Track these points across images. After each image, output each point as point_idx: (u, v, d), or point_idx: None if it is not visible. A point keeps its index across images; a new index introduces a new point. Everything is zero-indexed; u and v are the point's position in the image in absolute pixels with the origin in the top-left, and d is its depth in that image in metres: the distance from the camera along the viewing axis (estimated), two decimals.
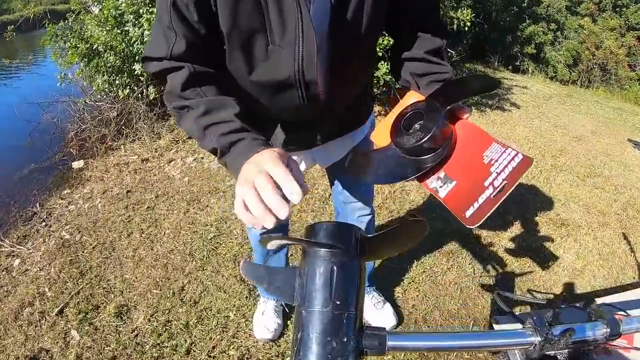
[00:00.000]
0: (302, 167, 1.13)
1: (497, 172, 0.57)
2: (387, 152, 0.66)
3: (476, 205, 0.56)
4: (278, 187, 0.53)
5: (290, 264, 1.77)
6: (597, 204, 2.90)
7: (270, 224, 0.53)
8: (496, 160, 0.58)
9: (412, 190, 2.76)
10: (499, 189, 0.55)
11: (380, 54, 3.08)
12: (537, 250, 2.31)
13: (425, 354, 1.60)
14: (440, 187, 0.61)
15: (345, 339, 0.43)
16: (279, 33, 0.75)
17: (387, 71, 3.32)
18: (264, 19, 0.73)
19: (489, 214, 0.55)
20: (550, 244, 2.38)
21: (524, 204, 2.76)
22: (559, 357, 0.57)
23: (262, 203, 0.53)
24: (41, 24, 4.10)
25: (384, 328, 0.48)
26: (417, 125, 0.63)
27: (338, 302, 0.44)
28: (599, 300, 1.45)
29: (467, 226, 0.56)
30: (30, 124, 3.84)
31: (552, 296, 1.99)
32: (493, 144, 0.60)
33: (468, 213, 0.57)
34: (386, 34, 1.09)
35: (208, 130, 0.71)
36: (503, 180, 0.55)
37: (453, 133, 0.63)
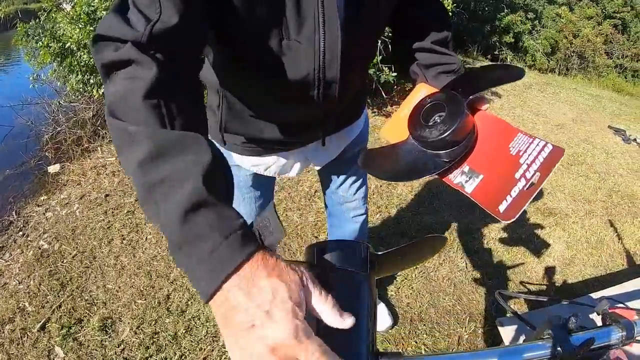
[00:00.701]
0: (297, 169, 1.07)
1: (527, 164, 0.53)
2: (405, 147, 0.61)
3: (509, 199, 0.52)
4: None
5: None
6: (583, 191, 2.94)
7: None
8: (524, 152, 0.54)
9: (399, 184, 2.73)
10: (531, 181, 0.52)
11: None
12: (527, 241, 2.31)
13: None
14: (466, 181, 0.57)
15: None
16: (296, 26, 0.64)
17: (371, 64, 3.28)
18: (279, 9, 0.62)
19: (524, 208, 0.51)
20: (539, 234, 2.39)
21: None
22: None
23: None
24: (12, 24, 3.96)
25: (401, 354, 0.44)
26: (437, 118, 0.58)
27: (352, 333, 0.40)
28: (597, 295, 1.44)
29: (503, 221, 0.52)
30: (4, 128, 3.69)
31: (545, 287, 2.00)
32: (519, 135, 0.56)
33: (502, 207, 0.53)
34: None
35: (156, 192, 0.43)
36: (535, 171, 0.52)
37: (474, 125, 0.59)
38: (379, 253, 0.48)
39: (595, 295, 1.51)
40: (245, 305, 0.37)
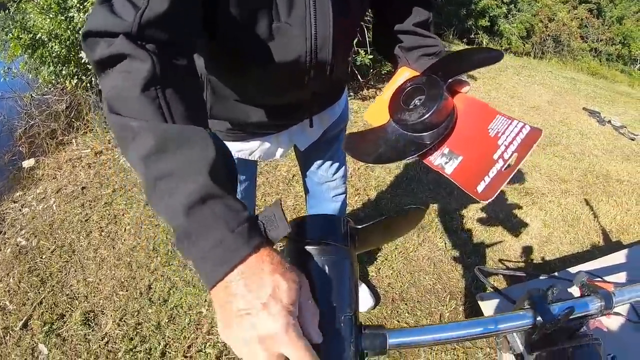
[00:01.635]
0: (281, 151, 1.06)
1: (505, 145, 0.55)
2: (386, 130, 0.63)
3: (487, 179, 0.54)
4: None
5: None
6: (559, 171, 3.01)
7: None
8: (503, 133, 0.56)
9: (377, 167, 2.76)
10: (509, 161, 0.54)
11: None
12: (504, 220, 2.37)
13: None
14: (446, 163, 0.58)
15: (342, 342, 0.41)
16: (285, 8, 0.64)
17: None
18: None
19: (501, 188, 0.53)
20: (516, 213, 2.44)
21: None
22: (558, 335, 0.56)
23: None
24: None
25: (383, 326, 0.45)
26: (417, 101, 0.60)
27: (334, 304, 0.42)
28: (574, 269, 1.50)
29: (481, 201, 0.54)
30: None
31: (523, 264, 2.05)
32: (497, 117, 0.57)
33: (480, 188, 0.54)
34: None
35: (161, 184, 0.43)
36: (513, 152, 0.54)
37: (454, 108, 0.61)
38: (359, 226, 0.49)
39: (572, 269, 1.56)
40: (245, 294, 0.39)
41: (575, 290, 0.64)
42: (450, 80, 0.60)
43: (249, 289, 0.39)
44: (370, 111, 0.71)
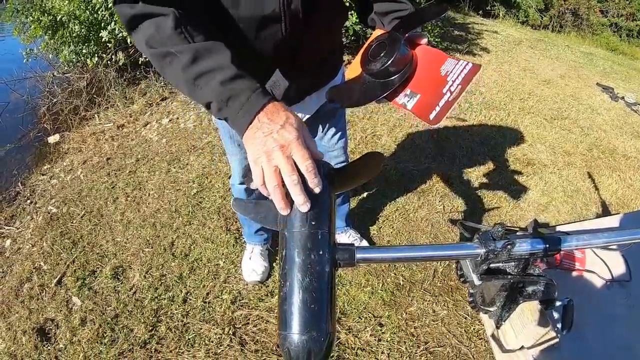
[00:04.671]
0: None
1: (452, 80, 0.68)
2: (360, 80, 0.77)
3: (437, 108, 0.67)
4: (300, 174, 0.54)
5: None
6: (563, 144, 3.03)
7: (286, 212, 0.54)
8: (451, 72, 0.69)
9: (384, 135, 2.88)
10: (455, 93, 0.67)
11: (348, 4, 3.10)
12: (503, 187, 2.43)
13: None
14: (408, 101, 0.72)
15: (321, 252, 0.51)
16: None
17: (357, 21, 3.33)
18: None
19: (447, 114, 0.67)
20: (516, 182, 2.51)
21: (491, 145, 2.88)
22: (508, 270, 0.64)
23: (286, 196, 0.54)
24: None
25: (353, 244, 0.56)
26: (382, 54, 0.73)
27: (313, 223, 0.52)
28: (557, 228, 1.58)
29: (431, 125, 0.68)
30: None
31: (517, 230, 2.14)
32: (448, 60, 0.71)
33: (431, 115, 0.68)
34: None
35: (199, 81, 0.64)
36: (457, 85, 0.67)
37: (414, 56, 0.74)
38: (335, 169, 0.60)
39: (550, 228, 1.64)
40: (268, 123, 0.58)
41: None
42: (407, 34, 0.73)
43: (270, 119, 0.59)
44: (349, 69, 0.85)
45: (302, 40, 0.93)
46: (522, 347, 0.93)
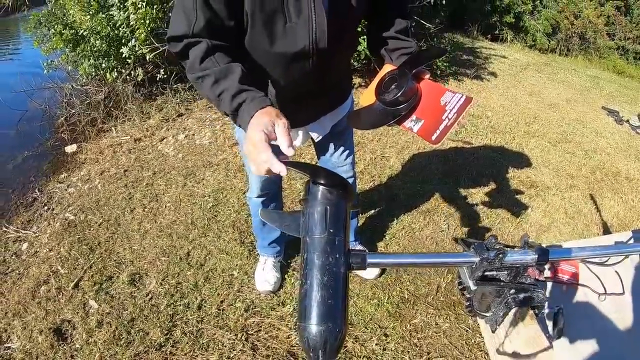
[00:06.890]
0: (300, 139, 1.34)
1: (450, 109, 0.85)
2: (373, 107, 0.95)
3: (438, 131, 0.85)
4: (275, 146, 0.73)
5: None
6: (567, 167, 3.08)
7: (269, 171, 0.73)
8: (449, 102, 0.86)
9: (392, 157, 2.97)
10: (452, 119, 0.84)
11: (359, 29, 3.21)
12: (506, 208, 2.50)
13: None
14: (414, 125, 0.90)
15: (337, 255, 0.59)
16: (295, 13, 0.94)
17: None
18: (283, 2, 0.92)
19: (447, 135, 0.84)
20: (519, 203, 2.57)
21: (496, 167, 2.95)
22: (501, 277, 0.69)
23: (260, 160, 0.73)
24: (19, 9, 4.06)
25: (365, 250, 0.66)
26: (393, 86, 0.91)
27: (331, 230, 0.60)
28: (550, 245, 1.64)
29: (433, 145, 0.84)
30: (18, 112, 3.82)
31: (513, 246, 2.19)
32: (446, 92, 0.88)
33: (433, 137, 0.85)
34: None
35: (222, 96, 0.86)
36: (454, 113, 0.84)
37: (419, 89, 0.91)
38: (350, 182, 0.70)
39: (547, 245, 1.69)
40: (256, 123, 0.77)
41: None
42: (414, 70, 0.90)
43: (259, 119, 0.78)
44: (363, 96, 1.02)
45: (325, 71, 1.08)
46: (515, 353, 0.99)
